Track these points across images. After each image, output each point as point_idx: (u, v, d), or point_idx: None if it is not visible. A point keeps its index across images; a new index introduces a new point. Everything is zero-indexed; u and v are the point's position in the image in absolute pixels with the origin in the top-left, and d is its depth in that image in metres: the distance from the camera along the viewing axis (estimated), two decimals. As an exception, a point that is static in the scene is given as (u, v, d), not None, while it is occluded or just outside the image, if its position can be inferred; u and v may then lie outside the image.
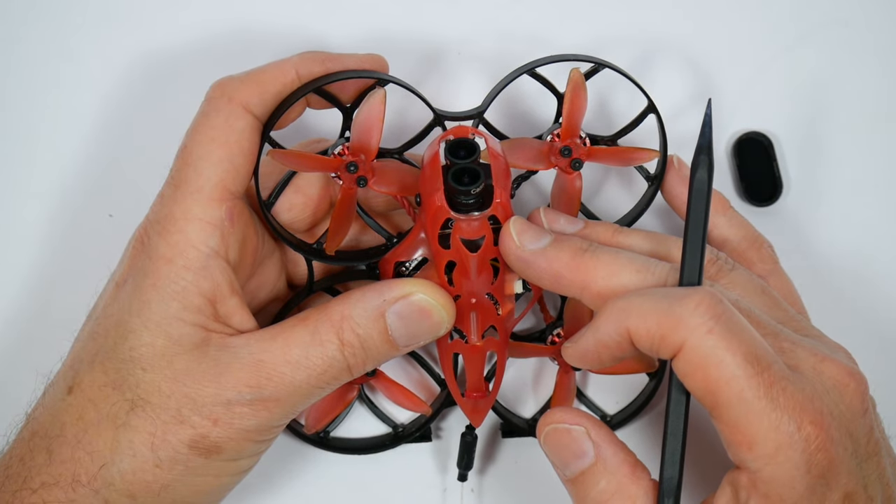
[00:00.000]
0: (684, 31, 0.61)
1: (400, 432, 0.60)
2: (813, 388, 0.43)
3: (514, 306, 0.52)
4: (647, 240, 0.51)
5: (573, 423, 0.47)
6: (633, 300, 0.44)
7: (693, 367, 0.42)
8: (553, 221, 0.51)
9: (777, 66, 0.61)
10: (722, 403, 0.42)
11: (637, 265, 0.47)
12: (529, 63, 0.53)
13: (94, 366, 0.49)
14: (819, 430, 0.42)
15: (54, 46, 0.59)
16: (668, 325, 0.43)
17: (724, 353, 0.42)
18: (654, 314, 0.43)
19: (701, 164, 0.45)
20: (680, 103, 0.60)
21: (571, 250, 0.48)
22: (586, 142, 0.53)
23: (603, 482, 0.46)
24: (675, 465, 0.45)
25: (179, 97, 0.53)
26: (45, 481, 0.48)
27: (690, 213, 0.46)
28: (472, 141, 0.49)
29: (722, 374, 0.42)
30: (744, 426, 0.42)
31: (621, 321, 0.44)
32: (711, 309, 0.42)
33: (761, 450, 0.42)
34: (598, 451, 0.46)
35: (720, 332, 0.42)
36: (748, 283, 0.49)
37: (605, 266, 0.47)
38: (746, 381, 0.42)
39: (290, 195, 0.54)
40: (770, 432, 0.42)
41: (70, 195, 0.60)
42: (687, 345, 0.42)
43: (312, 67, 0.51)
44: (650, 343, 0.43)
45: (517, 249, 0.49)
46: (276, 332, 0.50)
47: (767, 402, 0.42)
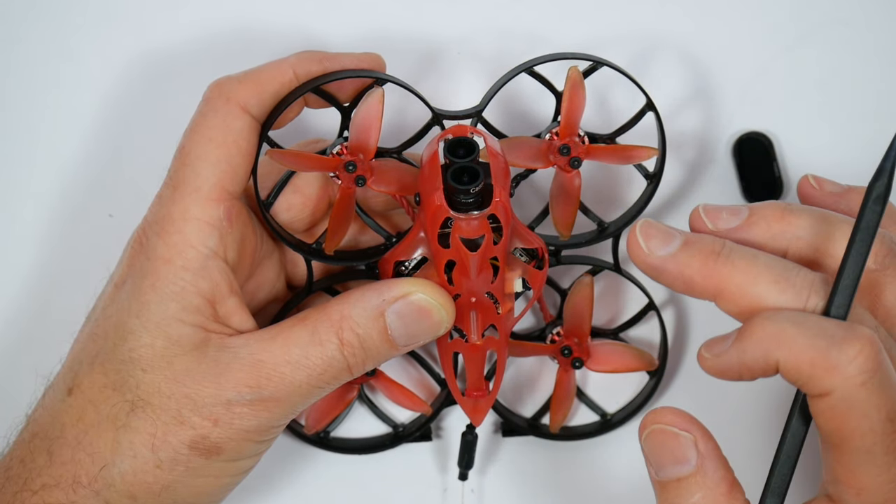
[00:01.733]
0: (684, 29, 0.61)
1: (400, 432, 0.60)
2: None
3: (513, 305, 0.52)
4: (811, 226, 0.47)
5: (683, 427, 0.45)
6: (786, 330, 0.42)
7: (834, 413, 0.41)
8: (715, 218, 0.47)
9: (777, 66, 0.61)
10: (848, 449, 0.41)
11: (775, 274, 0.44)
12: (528, 61, 0.53)
13: (94, 367, 0.49)
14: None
15: (54, 46, 0.59)
16: (822, 367, 0.41)
17: (869, 408, 0.41)
18: (808, 352, 0.41)
19: (877, 193, 0.42)
20: (679, 101, 0.60)
21: (703, 255, 0.45)
22: (585, 140, 0.53)
23: (699, 495, 0.44)
24: (779, 495, 0.43)
25: (179, 97, 0.53)
26: (46, 483, 0.48)
27: (854, 244, 0.43)
28: (472, 140, 0.49)
29: (860, 427, 0.41)
30: (860, 473, 0.41)
31: (772, 350, 0.42)
32: (869, 362, 0.40)
33: (868, 498, 0.42)
34: (702, 463, 0.44)
35: (873, 386, 0.41)
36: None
37: (740, 273, 0.44)
38: (882, 437, 0.41)
39: (288, 195, 0.54)
40: (884, 485, 0.41)
41: (70, 195, 0.60)
42: (836, 393, 0.41)
43: (310, 67, 0.51)
44: (798, 379, 0.42)
45: (647, 256, 0.46)
46: (276, 333, 0.50)
47: (893, 458, 0.41)
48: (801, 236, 0.46)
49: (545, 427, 0.60)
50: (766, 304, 0.43)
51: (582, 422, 0.60)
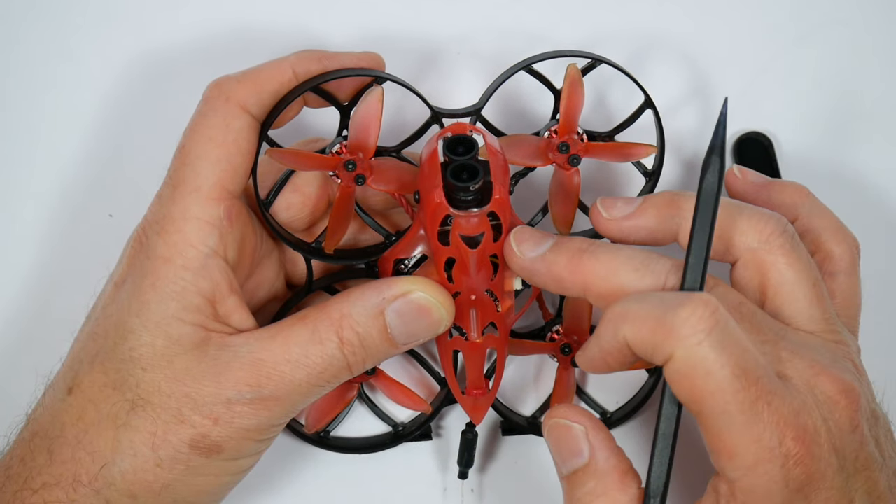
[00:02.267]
0: (683, 28, 0.61)
1: (400, 431, 0.60)
2: (802, 402, 0.43)
3: (513, 303, 0.52)
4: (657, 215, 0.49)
5: (574, 420, 0.47)
6: (629, 306, 0.44)
7: (680, 376, 0.42)
8: (610, 207, 0.50)
9: (777, 66, 0.61)
10: (706, 413, 0.42)
11: (635, 263, 0.46)
12: (526, 59, 0.53)
13: (94, 366, 0.49)
14: (800, 446, 0.42)
15: (54, 46, 0.60)
16: (661, 333, 0.42)
17: (711, 366, 0.42)
18: (647, 322, 0.43)
19: (712, 165, 0.44)
20: (677, 99, 0.60)
21: (569, 252, 0.48)
22: (584, 138, 0.53)
23: (591, 483, 0.46)
24: (663, 469, 0.45)
25: (179, 97, 0.53)
26: (46, 482, 0.48)
27: (697, 217, 0.45)
28: (471, 137, 0.49)
29: (707, 387, 0.42)
30: (725, 437, 0.42)
31: (618, 329, 0.44)
32: (704, 320, 0.42)
33: (741, 461, 0.42)
34: (593, 453, 0.46)
35: (710, 344, 0.42)
36: (803, 270, 0.47)
37: (603, 266, 0.47)
38: (732, 394, 0.41)
39: (288, 194, 0.54)
40: (751, 445, 0.42)
41: (70, 195, 0.60)
42: (675, 355, 0.42)
43: (309, 66, 0.51)
44: (644, 351, 0.43)
45: (519, 259, 0.49)
46: (276, 331, 0.50)
47: (751, 416, 0.42)
48: (689, 219, 0.47)
49: (545, 426, 0.60)
50: (628, 292, 0.45)
51: (582, 420, 0.60)
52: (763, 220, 0.47)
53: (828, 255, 0.52)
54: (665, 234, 0.49)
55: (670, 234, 0.48)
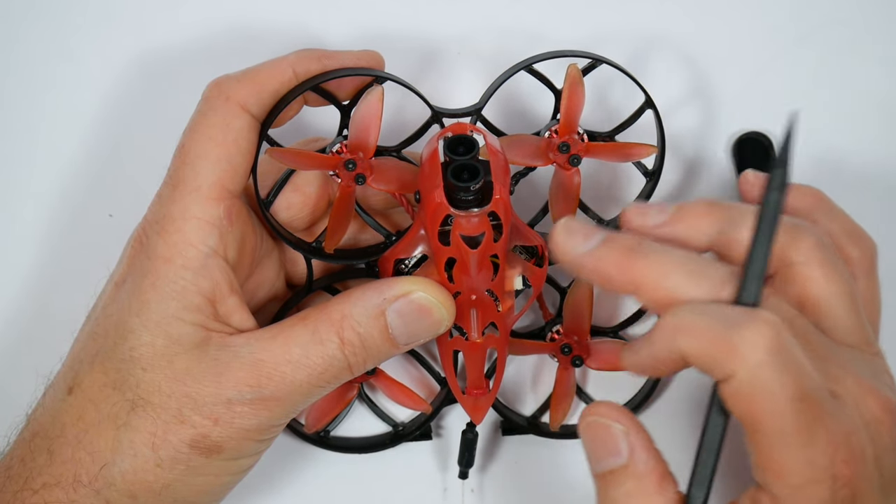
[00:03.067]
0: (683, 29, 0.61)
1: (400, 431, 0.60)
2: (852, 423, 0.42)
3: (514, 303, 0.52)
4: (734, 221, 0.47)
5: (614, 419, 0.46)
6: (688, 318, 0.43)
7: (740, 396, 0.41)
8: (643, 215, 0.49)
9: (777, 66, 0.61)
10: (761, 431, 0.42)
11: (689, 268, 0.45)
12: (527, 59, 0.53)
13: (94, 366, 0.49)
14: (849, 469, 0.42)
15: (54, 46, 0.60)
16: (723, 351, 0.41)
17: (773, 387, 0.41)
18: (708, 337, 0.42)
19: (777, 180, 0.43)
20: (677, 99, 0.60)
21: (619, 251, 0.46)
22: (584, 138, 0.53)
23: (629, 484, 0.45)
24: (704, 485, 0.44)
25: (179, 96, 0.53)
26: (47, 482, 0.48)
27: (759, 233, 0.44)
28: (472, 137, 0.49)
29: (767, 407, 0.41)
30: (777, 456, 0.42)
31: (676, 339, 0.43)
32: (768, 341, 0.41)
33: (790, 480, 0.42)
34: (632, 455, 0.45)
35: (774, 367, 0.41)
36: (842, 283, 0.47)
37: (654, 267, 0.45)
38: (792, 416, 0.41)
39: (288, 194, 0.54)
40: (802, 467, 0.41)
41: (70, 195, 0.60)
42: (738, 375, 0.41)
43: (309, 65, 0.51)
44: (703, 365, 0.42)
45: (567, 253, 0.47)
46: (276, 332, 0.50)
47: (807, 438, 0.41)
48: (724, 231, 0.47)
49: (545, 425, 0.59)
50: (680, 297, 0.44)
51: (582, 420, 0.60)
52: (801, 233, 0.46)
53: (847, 260, 0.51)
54: (698, 244, 0.48)
55: (703, 244, 0.47)
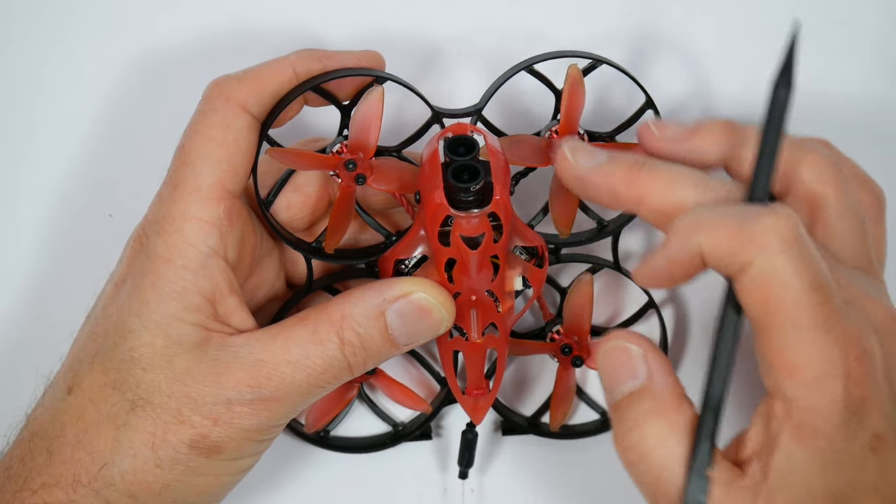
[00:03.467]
0: (684, 29, 0.61)
1: (400, 431, 0.60)
2: (863, 325, 0.43)
3: (514, 303, 0.52)
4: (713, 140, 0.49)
5: (633, 342, 0.46)
6: (704, 215, 0.43)
7: (757, 285, 0.42)
8: (663, 128, 0.49)
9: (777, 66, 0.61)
10: (776, 326, 0.42)
11: (695, 179, 0.46)
12: (527, 60, 0.53)
13: (94, 366, 0.49)
14: (861, 367, 0.42)
15: (54, 47, 0.59)
16: (741, 241, 0.42)
17: (791, 277, 0.41)
18: (726, 230, 0.42)
19: (782, 81, 0.43)
20: (678, 99, 0.60)
21: (627, 165, 0.47)
22: (585, 138, 0.53)
23: (647, 404, 0.45)
24: (721, 383, 0.44)
25: (179, 96, 0.53)
26: (46, 482, 0.48)
27: (767, 132, 0.44)
28: (472, 138, 0.49)
29: (785, 297, 0.41)
30: (791, 352, 0.42)
31: (692, 237, 0.43)
32: (787, 230, 0.41)
33: (803, 377, 0.42)
34: (650, 375, 0.46)
35: (792, 255, 0.41)
36: (853, 207, 0.47)
37: (662, 180, 0.46)
38: (808, 308, 0.41)
39: (288, 194, 0.54)
40: (817, 361, 0.41)
41: (70, 195, 0.60)
42: (756, 262, 0.41)
43: (310, 65, 0.51)
44: (720, 259, 0.42)
45: (573, 168, 0.48)
46: (276, 332, 0.50)
47: (822, 332, 0.41)
48: (737, 148, 0.48)
49: (545, 426, 0.60)
50: (687, 207, 0.45)
51: (582, 420, 0.61)
52: (814, 151, 0.47)
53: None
54: (715, 159, 0.48)
55: (721, 159, 0.48)
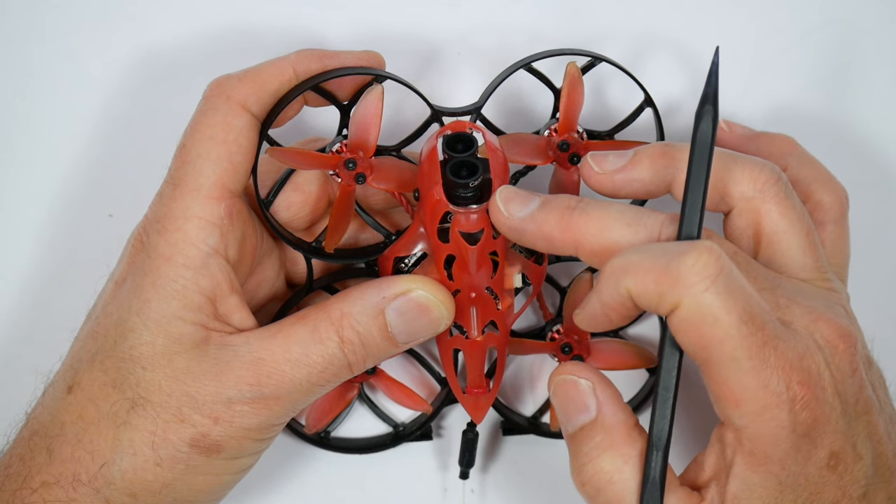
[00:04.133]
0: (683, 28, 0.61)
1: (400, 431, 0.60)
2: (805, 347, 0.43)
3: (513, 301, 0.52)
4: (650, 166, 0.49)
5: (581, 376, 0.47)
6: (630, 259, 0.44)
7: (687, 324, 0.42)
8: (602, 161, 0.49)
9: (777, 65, 0.61)
10: (714, 361, 0.42)
11: (627, 218, 0.46)
12: (526, 58, 0.53)
13: (94, 365, 0.49)
14: (806, 390, 0.42)
15: (54, 46, 0.60)
16: (666, 283, 0.42)
17: (719, 312, 0.42)
18: (651, 272, 0.42)
19: (705, 115, 0.44)
20: (677, 97, 0.60)
21: (559, 210, 0.47)
22: (583, 136, 0.53)
23: (598, 437, 0.46)
24: (665, 420, 0.45)
25: (179, 96, 0.53)
26: (46, 480, 0.48)
27: (693, 166, 0.44)
28: (470, 135, 0.49)
29: (716, 333, 0.42)
30: (733, 384, 0.42)
31: (620, 281, 0.43)
32: (709, 267, 0.42)
33: (748, 407, 0.42)
34: (600, 408, 0.46)
35: (716, 290, 0.42)
36: (797, 219, 0.47)
37: (594, 222, 0.46)
38: (740, 340, 0.42)
39: (288, 193, 0.54)
40: (758, 391, 0.42)
41: (70, 195, 0.60)
42: (683, 303, 0.42)
43: (310, 65, 0.51)
44: (649, 302, 0.43)
45: (507, 219, 0.48)
46: (276, 331, 0.50)
47: (758, 362, 0.42)
48: (681, 169, 0.48)
49: (546, 425, 0.60)
50: (622, 247, 0.45)
51: (582, 420, 0.60)
52: (758, 168, 0.47)
53: (817, 205, 0.53)
54: (658, 186, 0.48)
55: (664, 185, 0.48)
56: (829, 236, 0.52)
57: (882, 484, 0.45)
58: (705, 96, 0.44)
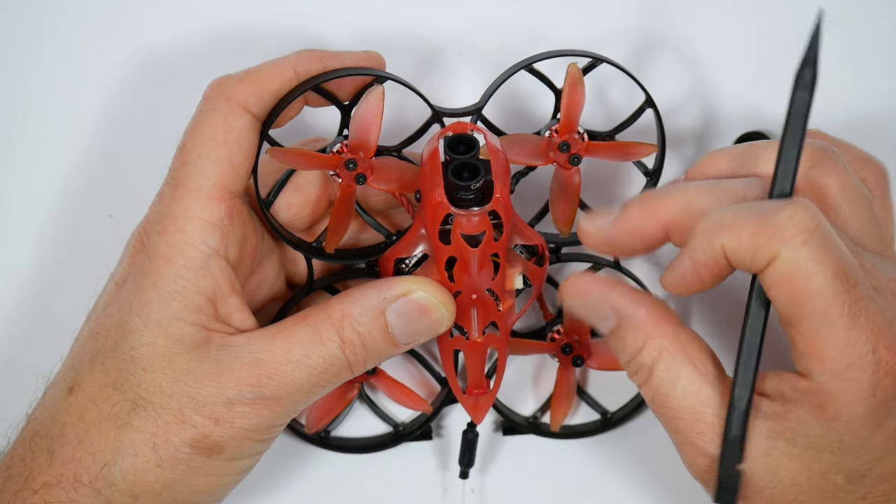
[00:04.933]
0: (684, 28, 0.61)
1: (400, 431, 0.60)
2: (893, 312, 0.43)
3: (514, 302, 0.52)
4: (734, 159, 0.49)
5: (588, 289, 0.48)
6: (724, 215, 0.44)
7: (783, 277, 0.42)
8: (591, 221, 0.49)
9: (777, 66, 0.61)
10: (804, 315, 0.42)
11: (707, 188, 0.46)
12: (527, 59, 0.53)
13: (95, 366, 0.49)
14: (893, 356, 0.42)
15: (54, 46, 0.59)
16: (763, 236, 0.42)
17: (815, 266, 0.42)
18: (747, 226, 0.43)
19: (804, 78, 0.44)
20: (678, 98, 0.60)
21: (639, 203, 0.47)
22: (584, 137, 0.53)
23: (630, 339, 0.47)
24: (748, 381, 0.44)
25: (179, 96, 0.53)
26: (47, 481, 0.48)
27: (788, 126, 0.44)
28: (472, 136, 0.49)
29: (810, 287, 0.42)
30: (820, 339, 0.42)
31: (714, 237, 0.43)
32: (806, 220, 0.42)
33: (831, 364, 0.42)
34: (619, 314, 0.47)
35: (814, 244, 0.42)
36: (858, 189, 0.48)
37: (677, 201, 0.46)
38: (833, 296, 0.42)
39: (288, 194, 0.54)
40: (845, 349, 0.42)
41: (70, 195, 0.60)
42: (780, 255, 0.42)
43: (310, 65, 0.51)
44: (744, 257, 0.43)
45: (598, 233, 0.48)
46: (277, 331, 0.50)
47: (849, 320, 0.42)
48: (744, 163, 0.48)
49: (546, 425, 0.60)
50: (709, 213, 0.45)
51: (582, 420, 0.61)
52: (808, 147, 0.47)
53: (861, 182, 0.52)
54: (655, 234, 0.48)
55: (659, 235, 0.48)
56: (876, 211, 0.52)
57: None
58: (806, 59, 0.44)
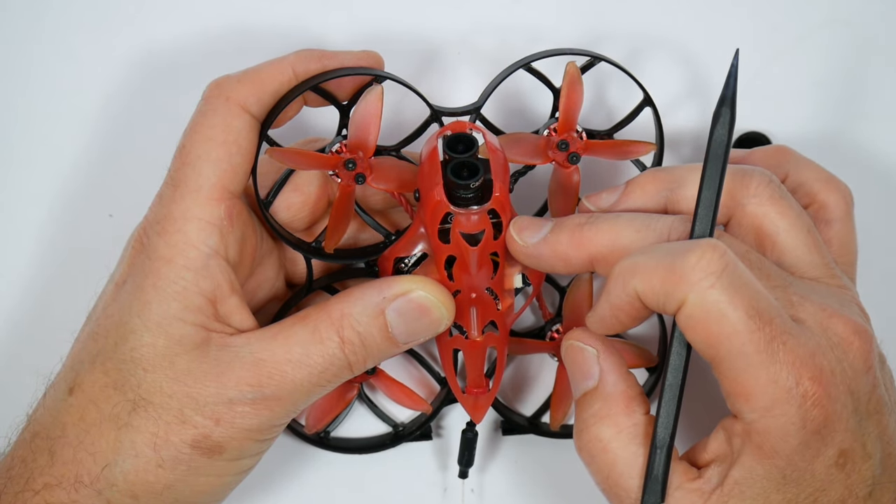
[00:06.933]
0: (682, 28, 0.61)
1: (400, 431, 0.60)
2: (816, 343, 0.43)
3: (513, 301, 0.52)
4: (682, 177, 0.50)
5: (588, 343, 0.48)
6: (637, 259, 0.44)
7: (694, 321, 0.42)
8: (597, 200, 0.51)
9: (777, 65, 0.61)
10: (722, 357, 0.43)
11: (637, 224, 0.47)
12: (525, 58, 0.53)
13: (95, 366, 0.49)
14: (817, 387, 0.42)
15: (54, 46, 0.59)
16: (671, 281, 0.42)
17: (726, 307, 0.42)
18: (657, 271, 0.43)
19: (722, 117, 0.45)
20: (676, 97, 0.60)
21: (570, 229, 0.48)
22: (583, 136, 0.53)
23: (597, 405, 0.47)
24: (670, 420, 0.45)
25: (179, 96, 0.53)
26: (48, 482, 0.48)
27: (707, 166, 0.45)
28: (471, 135, 0.49)
29: (723, 329, 0.42)
30: (742, 379, 0.43)
31: (628, 282, 0.44)
32: (713, 263, 0.42)
33: (758, 402, 0.43)
34: (602, 377, 0.47)
35: (721, 286, 0.42)
36: (795, 217, 0.48)
37: (605, 234, 0.47)
38: (747, 335, 0.42)
39: (288, 194, 0.54)
40: (768, 386, 0.42)
41: (70, 195, 0.60)
42: (689, 300, 0.42)
43: (309, 65, 0.51)
44: (657, 301, 0.43)
45: (523, 247, 0.49)
46: (277, 331, 0.50)
47: (767, 356, 0.42)
48: (673, 190, 0.49)
49: (545, 425, 0.60)
50: (632, 251, 0.46)
51: (582, 420, 0.60)
52: (747, 175, 0.48)
53: (822, 205, 0.53)
54: (655, 211, 0.49)
55: (660, 209, 0.49)
56: (837, 234, 0.52)
57: (889, 484, 0.45)
58: (723, 98, 0.45)
